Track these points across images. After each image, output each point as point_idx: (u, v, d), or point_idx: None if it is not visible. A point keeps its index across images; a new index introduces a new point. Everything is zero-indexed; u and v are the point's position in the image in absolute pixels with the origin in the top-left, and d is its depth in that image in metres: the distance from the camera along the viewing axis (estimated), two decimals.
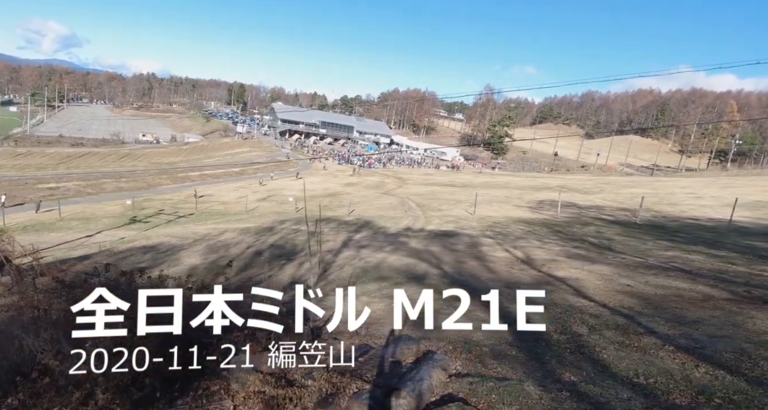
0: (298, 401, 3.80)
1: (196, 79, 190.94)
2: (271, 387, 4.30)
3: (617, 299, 8.55)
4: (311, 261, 11.99)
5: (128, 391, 4.17)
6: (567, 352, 5.57)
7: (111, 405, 3.98)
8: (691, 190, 47.27)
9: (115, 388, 4.08)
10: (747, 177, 62.59)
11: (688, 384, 4.43)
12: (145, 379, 4.23)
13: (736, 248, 16.33)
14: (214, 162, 66.43)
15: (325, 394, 3.81)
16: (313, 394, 3.86)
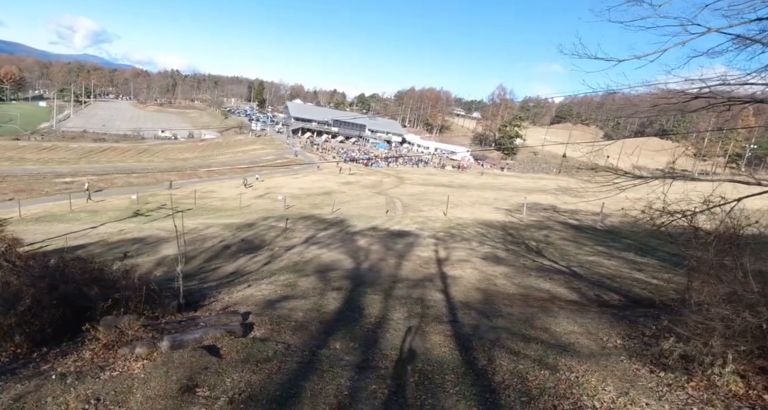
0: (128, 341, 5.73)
1: (218, 75, 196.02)
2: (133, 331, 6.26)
3: (468, 295, 10.28)
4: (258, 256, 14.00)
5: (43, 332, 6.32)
6: (362, 330, 7.37)
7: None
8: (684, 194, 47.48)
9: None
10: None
11: (426, 364, 6.22)
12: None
13: (666, 256, 17.29)
14: (225, 159, 69.38)
15: (136, 339, 5.72)
16: (133, 340, 5.77)
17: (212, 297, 9.62)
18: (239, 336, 6.14)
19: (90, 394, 4.45)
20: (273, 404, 4.23)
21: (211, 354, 5.31)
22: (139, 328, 5.92)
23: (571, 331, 7.40)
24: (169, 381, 4.64)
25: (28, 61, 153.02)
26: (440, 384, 4.99)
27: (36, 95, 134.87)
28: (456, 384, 5.01)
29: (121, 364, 5.19)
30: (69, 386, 4.64)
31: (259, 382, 4.68)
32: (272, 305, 8.39)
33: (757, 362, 5.46)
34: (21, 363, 5.82)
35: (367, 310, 8.46)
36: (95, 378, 4.85)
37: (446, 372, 5.40)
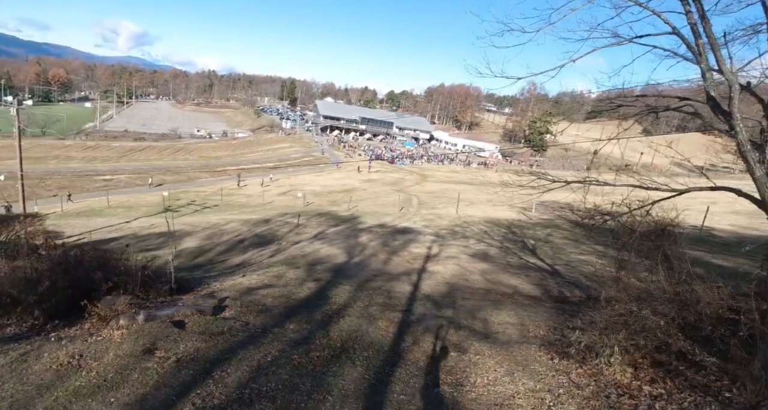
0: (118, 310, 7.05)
1: (252, 75, 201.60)
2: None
3: (435, 288, 11.21)
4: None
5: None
6: (320, 315, 8.46)
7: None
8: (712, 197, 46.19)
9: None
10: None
11: (356, 343, 7.30)
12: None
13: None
14: (254, 157, 72.03)
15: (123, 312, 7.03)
16: (134, 314, 7.09)
17: (206, 284, 10.97)
18: (207, 315, 7.38)
19: (76, 352, 5.76)
20: (207, 364, 5.40)
21: (175, 326, 6.55)
22: (126, 305, 7.24)
23: (506, 322, 8.27)
24: (137, 344, 5.90)
25: (75, 64, 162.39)
26: (353, 357, 6.03)
27: (82, 96, 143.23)
28: (367, 358, 6.04)
29: (106, 332, 6.51)
30: (63, 346, 5.97)
31: (204, 349, 5.87)
32: (250, 292, 9.63)
33: (656, 356, 6.21)
34: (36, 332, 7.27)
35: (334, 299, 9.57)
36: (84, 341, 6.18)
37: (367, 349, 6.44)
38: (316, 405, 4.63)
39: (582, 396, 5.15)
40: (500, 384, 5.48)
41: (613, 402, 5.05)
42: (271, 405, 4.58)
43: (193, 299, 8.38)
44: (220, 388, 4.90)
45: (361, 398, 4.82)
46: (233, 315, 7.87)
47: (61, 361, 5.52)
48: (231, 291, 9.77)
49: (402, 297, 10.11)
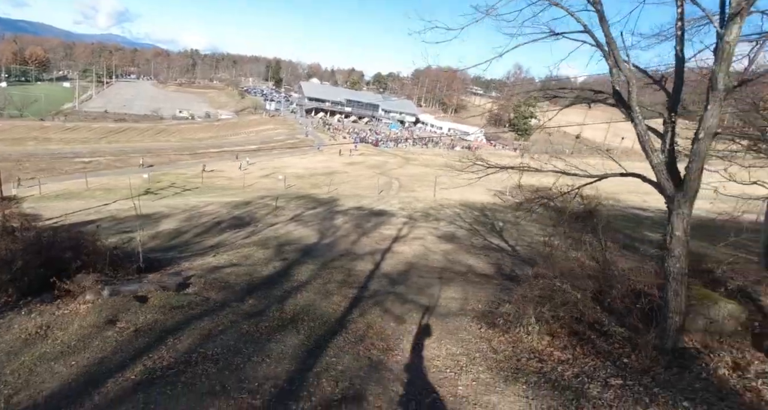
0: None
1: (237, 54, 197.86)
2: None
3: (395, 267, 11.86)
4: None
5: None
6: (280, 291, 9.06)
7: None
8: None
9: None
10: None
11: (306, 315, 7.93)
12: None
13: (620, 238, 18.47)
14: (237, 139, 71.63)
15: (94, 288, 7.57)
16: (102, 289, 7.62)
17: (176, 263, 11.48)
18: (170, 291, 7.94)
19: (44, 323, 6.30)
20: (162, 333, 5.99)
21: (138, 301, 7.11)
22: (93, 282, 7.76)
23: (451, 297, 8.99)
24: (100, 316, 6.46)
25: (53, 42, 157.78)
26: (299, 327, 6.67)
27: (60, 76, 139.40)
28: (312, 328, 6.68)
29: (73, 306, 7.04)
30: (32, 318, 6.51)
31: (163, 320, 6.45)
32: (216, 270, 10.19)
33: (573, 326, 6.95)
34: (9, 307, 7.76)
35: (296, 277, 10.18)
36: (52, 314, 6.72)
37: (315, 321, 7.08)
38: (253, 365, 5.25)
39: (495, 360, 5.87)
40: (426, 349, 6.17)
41: (522, 364, 5.77)
42: (214, 365, 5.20)
43: (159, 277, 8.92)
44: (171, 352, 5.50)
45: (296, 360, 5.46)
46: (196, 291, 8.44)
47: (29, 331, 6.06)
48: (198, 270, 10.31)
49: (361, 275, 10.76)
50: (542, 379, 5.19)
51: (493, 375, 5.34)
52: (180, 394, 4.63)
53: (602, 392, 4.84)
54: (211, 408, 4.34)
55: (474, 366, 5.59)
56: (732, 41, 4.91)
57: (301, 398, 4.56)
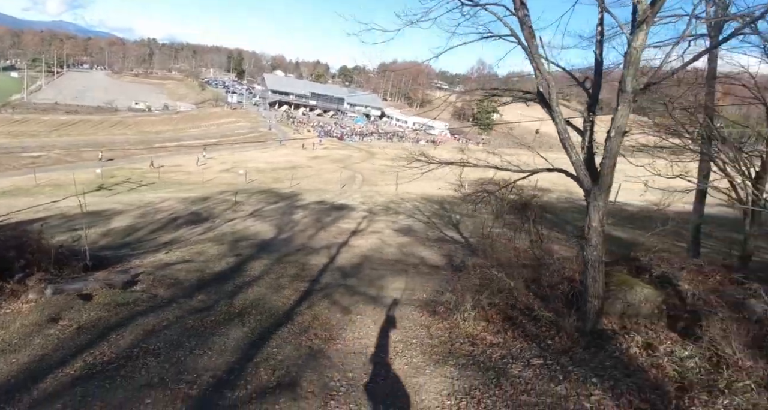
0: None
1: (197, 44, 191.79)
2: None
3: (349, 260, 12.10)
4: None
5: None
6: (231, 287, 9.12)
7: None
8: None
9: None
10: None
11: (254, 309, 8.06)
12: None
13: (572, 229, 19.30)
14: (197, 132, 69.81)
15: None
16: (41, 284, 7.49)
17: (126, 261, 11.34)
18: (116, 288, 7.91)
19: None
20: (105, 330, 6.03)
21: (81, 299, 7.08)
22: (37, 281, 7.64)
23: (399, 288, 9.32)
24: (42, 315, 6.41)
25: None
26: (245, 321, 6.83)
27: (7, 65, 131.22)
28: (258, 321, 6.85)
29: (15, 305, 6.94)
30: None
31: (107, 317, 6.47)
32: (167, 267, 10.15)
33: (508, 312, 7.38)
34: None
35: (249, 272, 10.26)
36: None
37: (262, 314, 7.25)
38: (194, 358, 5.40)
39: (430, 345, 6.22)
40: (367, 337, 6.46)
41: (455, 348, 6.14)
42: (155, 359, 5.31)
43: (106, 274, 8.83)
44: (112, 348, 5.57)
45: (237, 352, 5.64)
46: (143, 288, 8.43)
47: None
48: (148, 267, 10.24)
49: (315, 268, 10.95)
50: (470, 361, 5.57)
51: (425, 359, 5.68)
52: (118, 387, 4.74)
53: (522, 371, 5.26)
54: (147, 399, 4.47)
55: (409, 352, 5.92)
56: (638, 47, 5.37)
57: (237, 387, 4.75)
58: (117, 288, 7.98)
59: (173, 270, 9.77)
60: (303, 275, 10.23)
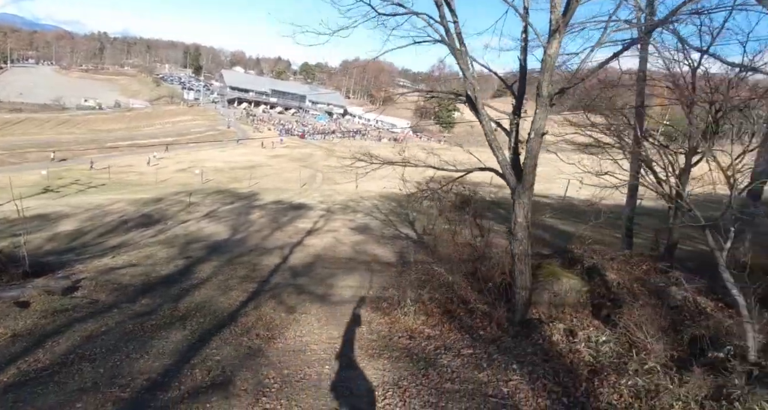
0: None
1: (151, 39, 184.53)
2: None
3: (302, 260, 12.19)
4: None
5: None
6: (177, 290, 9.07)
7: None
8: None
9: None
10: None
11: (198, 312, 8.06)
12: None
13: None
14: (152, 131, 67.55)
15: None
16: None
17: (69, 266, 11.01)
18: (56, 295, 7.74)
19: None
20: (41, 336, 5.95)
21: (18, 306, 6.92)
22: None
23: (348, 285, 9.52)
24: None
25: None
26: (187, 324, 6.86)
27: None
28: (200, 323, 6.90)
29: None
30: None
31: (44, 324, 6.36)
32: (111, 272, 9.97)
33: (447, 306, 7.70)
34: None
35: (197, 274, 10.20)
36: None
37: (206, 316, 7.29)
38: (130, 362, 5.42)
39: (369, 339, 6.46)
40: (309, 335, 6.63)
41: (393, 342, 6.40)
42: (90, 364, 5.30)
43: (45, 281, 8.61)
44: (48, 355, 5.52)
45: (175, 354, 5.69)
46: (84, 294, 8.28)
47: None
48: (91, 272, 10.01)
49: (266, 269, 10.99)
50: (404, 354, 5.84)
51: (361, 353, 5.91)
52: (50, 392, 4.72)
53: (452, 361, 5.58)
54: (78, 403, 4.49)
55: (347, 347, 6.13)
56: (552, 54, 5.77)
57: (170, 388, 4.83)
58: (56, 294, 7.81)
59: (117, 275, 9.61)
60: (253, 276, 10.27)
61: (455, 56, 6.35)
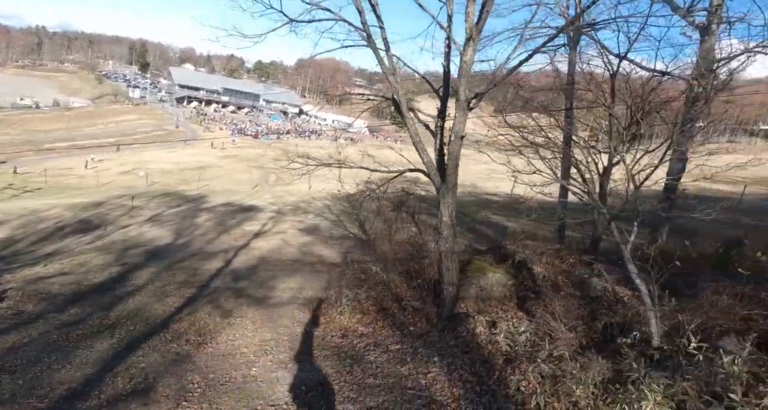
0: None
1: (94, 34, 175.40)
2: None
3: (246, 263, 12.09)
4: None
5: None
6: (110, 298, 8.80)
7: None
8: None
9: None
10: None
11: (129, 319, 7.89)
12: None
13: (469, 223, 20.67)
14: (94, 131, 64.33)
15: None
16: None
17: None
18: None
19: None
20: None
21: None
22: None
23: (289, 287, 9.57)
24: None
25: None
26: (116, 332, 6.74)
27: None
28: (129, 331, 6.80)
29: None
30: None
31: None
32: (40, 281, 9.56)
33: (383, 304, 7.89)
34: None
35: (133, 281, 9.95)
36: None
37: (137, 324, 7.17)
38: (51, 373, 5.30)
39: (302, 340, 6.58)
40: (241, 338, 6.67)
41: (325, 342, 6.55)
42: (9, 376, 5.15)
43: None
44: None
45: (99, 363, 5.61)
46: (9, 305, 7.94)
47: None
48: (19, 282, 9.56)
49: (207, 274, 10.85)
50: (334, 353, 6.01)
51: (291, 354, 6.03)
52: None
53: (378, 357, 5.80)
54: None
55: (278, 348, 6.23)
56: (468, 60, 6.10)
57: (90, 397, 4.78)
58: None
59: (46, 284, 9.24)
60: (192, 281, 10.12)
61: (379, 61, 6.57)
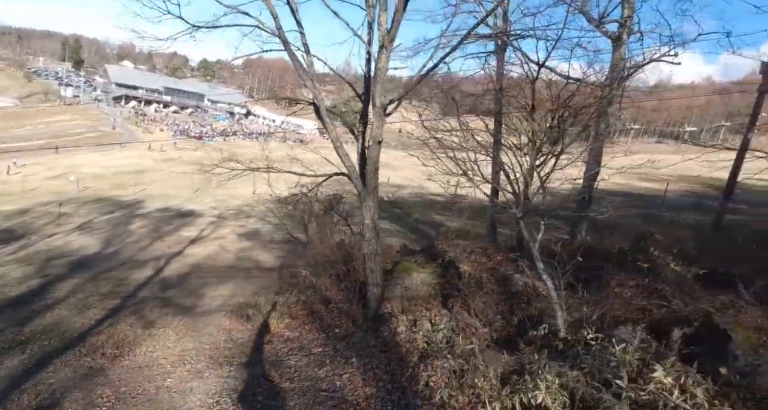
0: None
1: (23, 28, 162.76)
2: None
3: (178, 270, 11.74)
4: None
5: None
6: (27, 312, 8.32)
7: None
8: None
9: None
10: None
11: (45, 334, 7.51)
12: None
13: (414, 223, 21.04)
14: (21, 132, 59.88)
15: None
16: None
17: None
18: None
19: None
20: None
21: None
22: None
23: (219, 295, 9.42)
24: None
25: None
26: (27, 347, 6.44)
27: None
28: (42, 347, 6.53)
29: None
30: None
31: None
32: None
33: (314, 307, 7.93)
34: None
35: (54, 294, 9.45)
36: None
37: (52, 338, 6.87)
38: None
39: (225, 348, 6.54)
40: (161, 349, 6.54)
41: (249, 348, 6.53)
42: None
43: None
44: None
45: (6, 381, 5.36)
46: None
47: None
48: None
49: (134, 283, 10.47)
50: (255, 359, 6.04)
51: (209, 363, 5.98)
52: None
53: (299, 361, 5.87)
54: None
55: (197, 358, 6.16)
56: (382, 67, 6.29)
57: None
58: None
59: None
60: (117, 292, 9.75)
61: (295, 66, 6.64)
